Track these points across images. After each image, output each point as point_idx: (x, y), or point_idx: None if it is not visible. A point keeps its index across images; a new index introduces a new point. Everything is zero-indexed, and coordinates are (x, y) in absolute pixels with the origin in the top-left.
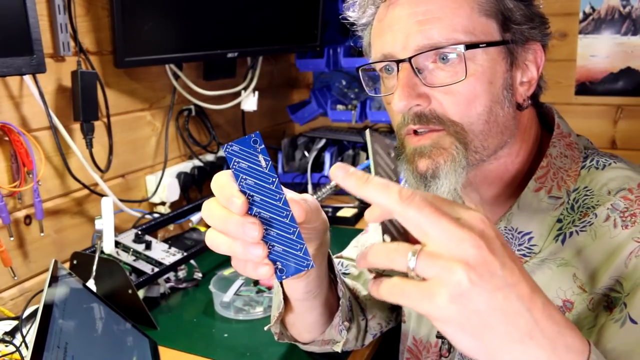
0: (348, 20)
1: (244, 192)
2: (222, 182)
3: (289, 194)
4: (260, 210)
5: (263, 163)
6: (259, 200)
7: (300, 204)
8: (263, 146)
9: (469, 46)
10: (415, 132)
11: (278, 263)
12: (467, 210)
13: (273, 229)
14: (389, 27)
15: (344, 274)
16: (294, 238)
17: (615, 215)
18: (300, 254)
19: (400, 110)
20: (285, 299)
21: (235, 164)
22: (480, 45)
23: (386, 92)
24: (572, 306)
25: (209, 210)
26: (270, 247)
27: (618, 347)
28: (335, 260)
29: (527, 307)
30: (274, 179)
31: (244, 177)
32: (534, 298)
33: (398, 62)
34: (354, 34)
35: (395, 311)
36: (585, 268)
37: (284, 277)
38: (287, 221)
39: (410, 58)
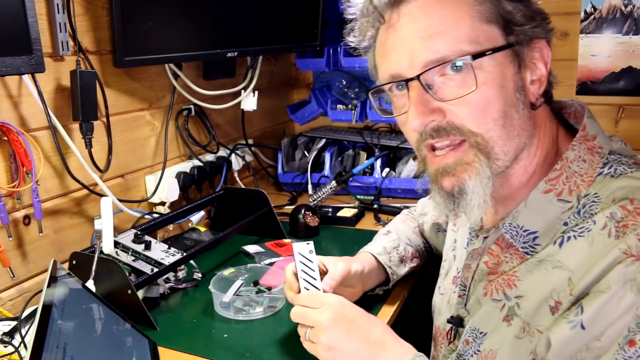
0: (349, 45)
1: (298, 275)
2: (289, 279)
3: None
4: (306, 284)
5: (314, 264)
6: (307, 279)
7: (331, 285)
8: (314, 253)
9: (476, 55)
10: (433, 148)
11: None
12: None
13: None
14: (393, 48)
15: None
16: None
17: (611, 224)
18: None
19: (416, 129)
20: None
21: (300, 263)
22: (487, 53)
23: (398, 112)
24: (560, 307)
25: (287, 292)
26: None
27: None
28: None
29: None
30: (317, 273)
31: (302, 269)
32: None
33: (407, 81)
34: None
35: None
36: (579, 273)
37: None
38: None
39: (419, 75)
